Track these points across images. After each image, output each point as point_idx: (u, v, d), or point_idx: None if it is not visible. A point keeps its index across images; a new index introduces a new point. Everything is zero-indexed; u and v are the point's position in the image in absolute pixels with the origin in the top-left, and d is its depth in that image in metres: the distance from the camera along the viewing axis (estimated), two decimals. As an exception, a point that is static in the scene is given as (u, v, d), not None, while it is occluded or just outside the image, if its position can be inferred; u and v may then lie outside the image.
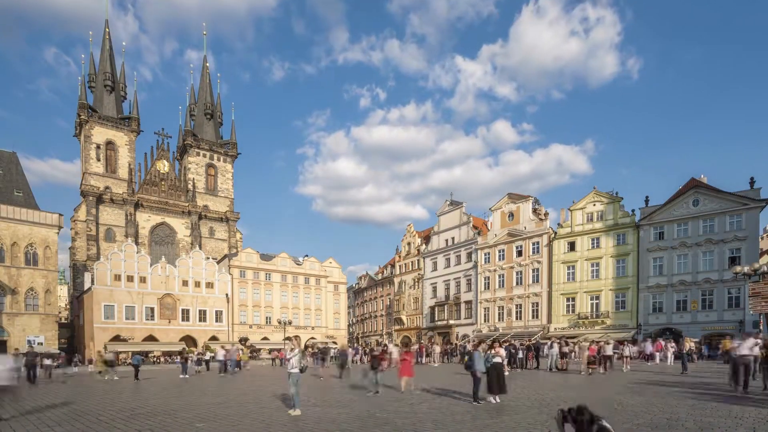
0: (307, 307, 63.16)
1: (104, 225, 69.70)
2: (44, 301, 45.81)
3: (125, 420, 9.00)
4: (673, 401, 10.10)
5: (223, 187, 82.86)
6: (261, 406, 10.67)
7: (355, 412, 9.33)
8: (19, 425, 8.64)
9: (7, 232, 43.39)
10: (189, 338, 52.70)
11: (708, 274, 34.83)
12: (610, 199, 40.12)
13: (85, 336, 49.75)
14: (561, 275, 42.57)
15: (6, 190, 46.43)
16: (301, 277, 62.89)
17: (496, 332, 46.16)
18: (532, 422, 7.85)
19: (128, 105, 76.47)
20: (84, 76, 71.15)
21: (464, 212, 53.09)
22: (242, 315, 57.97)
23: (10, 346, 42.69)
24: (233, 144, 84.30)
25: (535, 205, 46.36)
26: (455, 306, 52.98)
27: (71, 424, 8.69)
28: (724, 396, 10.91)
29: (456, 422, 7.99)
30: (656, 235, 37.56)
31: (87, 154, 70.52)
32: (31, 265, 44.96)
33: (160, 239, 75.00)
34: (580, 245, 41.48)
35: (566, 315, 42.16)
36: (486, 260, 49.05)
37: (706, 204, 35.11)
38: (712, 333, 33.38)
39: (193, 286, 53.96)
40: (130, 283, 49.81)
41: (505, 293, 47.15)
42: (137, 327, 49.75)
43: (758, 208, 33.01)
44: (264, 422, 8.42)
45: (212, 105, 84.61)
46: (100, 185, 70.14)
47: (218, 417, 9.15)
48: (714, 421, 7.57)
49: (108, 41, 75.22)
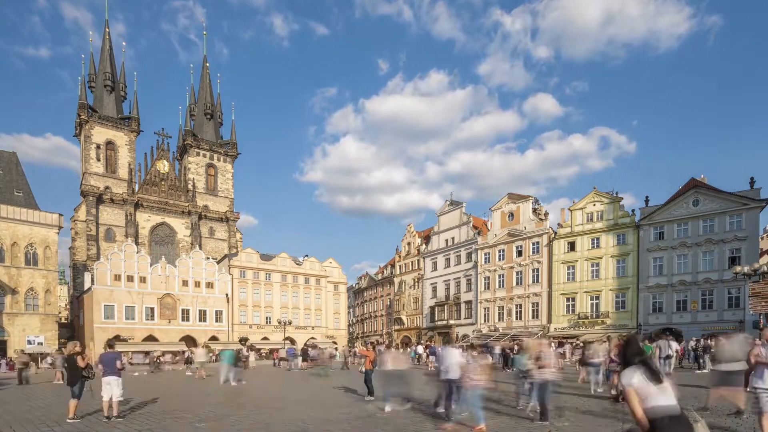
0: (307, 307, 63.15)
1: (104, 225, 69.71)
2: (44, 301, 45.82)
3: (125, 420, 9.00)
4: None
5: (223, 187, 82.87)
6: (260, 406, 10.67)
7: (354, 412, 9.33)
8: (18, 425, 8.64)
9: (7, 232, 43.39)
10: (189, 338, 52.69)
11: (708, 274, 34.82)
12: (610, 199, 40.13)
13: (85, 336, 49.73)
14: (561, 275, 42.57)
15: (6, 190, 46.42)
16: (301, 277, 62.87)
17: (496, 332, 46.18)
18: (532, 422, 7.85)
19: (128, 105, 76.50)
20: (84, 76, 71.21)
21: (464, 212, 53.11)
22: (242, 315, 57.96)
23: (10, 346, 42.76)
24: (233, 144, 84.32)
25: (535, 205, 46.37)
26: (455, 306, 52.98)
27: (71, 423, 8.68)
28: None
29: (456, 422, 7.98)
30: (656, 235, 37.55)
31: (87, 154, 70.52)
32: (31, 265, 44.96)
33: (160, 239, 75.00)
34: (580, 245, 41.48)
35: (566, 315, 42.16)
36: (486, 260, 49.05)
37: (706, 204, 35.11)
38: (712, 333, 33.34)
39: (193, 286, 53.95)
40: (130, 283, 49.79)
41: (505, 293, 47.14)
42: (137, 327, 49.74)
43: (758, 208, 33.00)
44: (264, 422, 8.42)
45: (212, 105, 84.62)
46: (100, 185, 70.14)
47: (218, 417, 9.15)
48: (714, 421, 7.57)
49: (108, 41, 75.27)
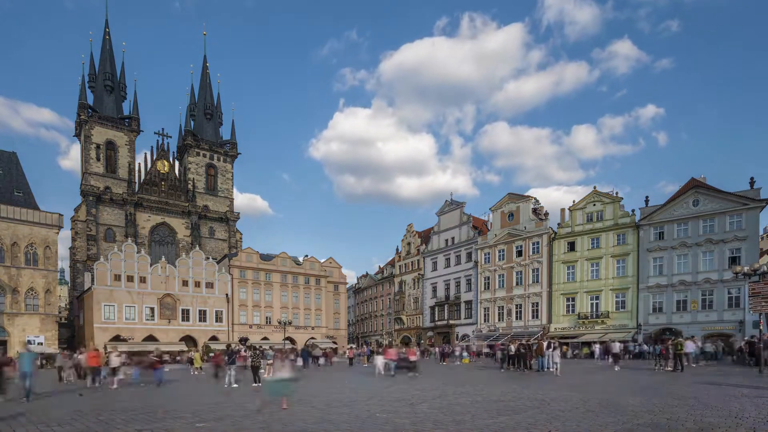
0: (307, 307, 63.15)
1: (104, 225, 69.72)
2: (44, 301, 45.80)
3: (125, 420, 9.00)
4: (673, 401, 10.09)
5: (223, 187, 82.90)
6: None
7: (354, 413, 9.33)
8: (18, 424, 8.64)
9: (7, 232, 43.39)
10: (189, 338, 52.73)
11: (708, 274, 34.83)
12: (610, 199, 40.13)
13: (85, 336, 49.73)
14: (561, 275, 42.57)
15: (6, 190, 46.41)
16: (301, 277, 62.87)
17: (496, 332, 46.19)
18: (532, 422, 7.85)
19: (128, 105, 76.59)
20: (84, 76, 71.26)
21: (464, 212, 53.14)
22: (242, 315, 57.97)
23: (10, 346, 42.74)
24: (233, 144, 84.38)
25: (535, 205, 46.38)
26: (455, 306, 52.99)
27: (71, 424, 8.68)
28: (724, 396, 10.92)
29: (456, 422, 7.98)
30: (656, 235, 37.55)
31: (87, 154, 70.53)
32: (31, 265, 44.95)
33: (160, 239, 75.00)
34: (580, 245, 41.49)
35: (566, 315, 42.17)
36: (486, 260, 49.05)
37: (706, 204, 35.11)
38: (713, 333, 33.37)
39: (193, 286, 53.95)
40: (130, 283, 49.79)
41: (505, 293, 47.15)
42: (137, 327, 49.74)
43: (758, 208, 33.01)
44: (264, 422, 8.42)
45: (212, 105, 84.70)
46: (100, 185, 70.17)
47: (218, 417, 9.15)
48: (714, 421, 7.57)
49: (108, 41, 75.28)
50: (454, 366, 28.94)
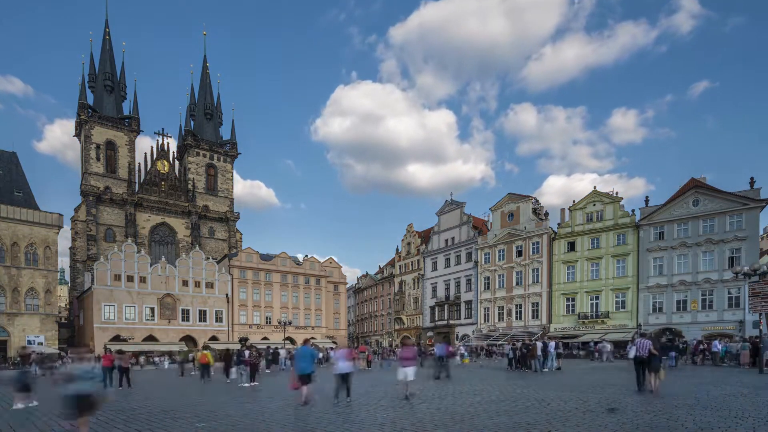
0: (307, 307, 63.17)
1: (104, 225, 69.74)
2: (44, 301, 45.83)
3: (125, 420, 9.00)
4: (673, 401, 10.09)
5: (223, 187, 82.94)
6: (261, 406, 10.67)
7: (354, 413, 9.32)
8: (18, 424, 8.64)
9: (7, 232, 43.40)
10: (189, 338, 52.73)
11: (708, 274, 34.83)
12: (610, 199, 40.13)
13: (86, 336, 49.73)
14: (561, 275, 42.57)
15: (6, 190, 46.43)
16: (301, 277, 62.89)
17: (496, 332, 46.18)
18: (531, 422, 7.84)
19: (128, 105, 76.62)
20: (84, 76, 71.27)
21: (464, 212, 53.14)
22: (242, 315, 57.98)
23: (10, 346, 42.77)
24: (233, 144, 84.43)
25: (535, 205, 46.37)
26: (455, 306, 52.99)
27: (71, 424, 8.66)
28: (724, 395, 10.92)
29: (456, 422, 7.98)
30: (656, 235, 37.55)
31: (87, 154, 70.55)
32: (31, 265, 44.97)
33: (160, 239, 75.01)
34: (580, 245, 41.49)
35: (566, 315, 42.16)
36: (486, 260, 49.04)
37: (706, 204, 35.11)
38: (713, 333, 33.36)
39: (193, 286, 53.96)
40: (130, 283, 49.80)
41: (505, 293, 47.14)
42: (137, 327, 49.75)
43: (758, 208, 33.00)
44: (264, 422, 8.42)
45: (212, 105, 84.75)
46: (100, 185, 70.19)
47: (218, 417, 9.15)
48: (714, 421, 7.57)
49: (108, 41, 75.28)
50: (454, 366, 28.90)
